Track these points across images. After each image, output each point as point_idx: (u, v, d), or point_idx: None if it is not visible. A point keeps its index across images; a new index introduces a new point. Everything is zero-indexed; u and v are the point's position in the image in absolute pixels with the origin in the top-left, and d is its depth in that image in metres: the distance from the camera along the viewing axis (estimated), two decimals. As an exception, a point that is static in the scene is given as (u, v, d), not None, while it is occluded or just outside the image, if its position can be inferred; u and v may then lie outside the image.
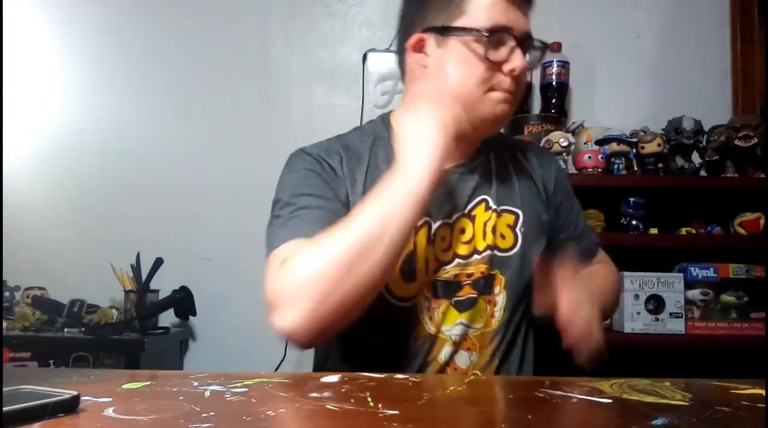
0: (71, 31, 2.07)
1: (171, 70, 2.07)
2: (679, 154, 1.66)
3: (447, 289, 0.92)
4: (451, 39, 0.87)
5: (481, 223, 0.94)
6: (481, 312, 0.93)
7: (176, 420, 0.46)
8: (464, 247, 0.93)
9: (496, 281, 0.94)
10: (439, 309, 0.92)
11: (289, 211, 0.85)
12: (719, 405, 0.55)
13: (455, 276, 0.92)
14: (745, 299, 1.61)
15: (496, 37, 0.85)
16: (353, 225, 0.74)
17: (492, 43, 0.85)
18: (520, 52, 0.86)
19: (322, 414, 0.51)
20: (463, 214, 0.94)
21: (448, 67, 0.88)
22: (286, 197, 0.87)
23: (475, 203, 0.95)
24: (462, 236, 0.93)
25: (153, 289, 1.88)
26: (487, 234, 0.94)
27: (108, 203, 2.03)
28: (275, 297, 0.74)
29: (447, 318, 0.92)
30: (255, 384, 0.62)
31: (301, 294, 0.72)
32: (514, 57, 0.86)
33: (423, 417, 0.52)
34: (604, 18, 2.02)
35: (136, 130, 2.05)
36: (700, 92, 1.96)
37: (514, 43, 0.86)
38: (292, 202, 0.86)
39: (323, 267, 0.73)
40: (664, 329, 1.57)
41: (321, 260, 0.73)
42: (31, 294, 1.86)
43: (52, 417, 0.46)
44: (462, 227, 0.93)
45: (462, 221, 0.93)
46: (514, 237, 0.95)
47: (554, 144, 1.62)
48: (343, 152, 0.93)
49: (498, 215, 0.94)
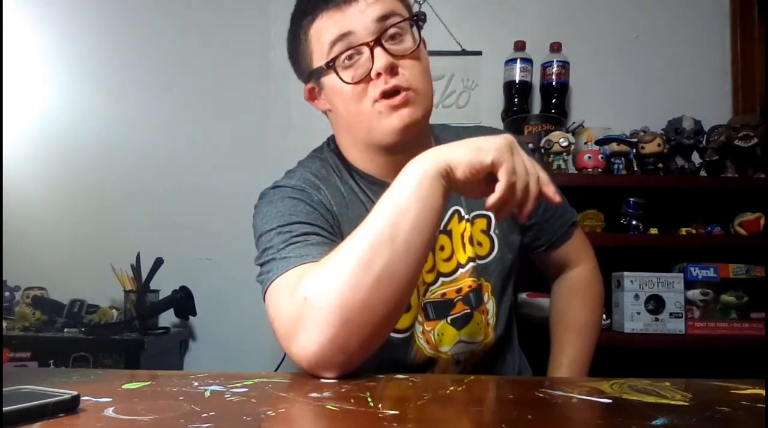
0: (72, 31, 2.07)
1: (171, 70, 2.07)
2: (679, 154, 1.66)
3: (439, 310, 0.90)
4: (321, 79, 0.86)
5: (458, 236, 0.92)
6: (479, 326, 0.92)
7: (176, 420, 0.46)
8: (446, 265, 0.91)
9: (483, 289, 0.93)
10: (435, 330, 0.90)
11: (283, 240, 0.78)
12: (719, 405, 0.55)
13: (443, 294, 0.90)
14: (745, 299, 1.61)
15: (344, 56, 0.81)
16: (359, 233, 0.69)
17: (333, 66, 0.82)
18: (380, 48, 0.80)
19: (322, 414, 0.51)
20: (439, 231, 0.90)
21: (333, 103, 0.87)
22: (275, 226, 0.81)
23: (448, 216, 0.92)
24: (441, 253, 0.91)
25: (153, 289, 1.88)
26: (466, 246, 0.92)
27: (108, 203, 2.03)
28: (292, 324, 0.68)
29: (445, 338, 0.90)
30: (255, 384, 0.62)
31: (321, 310, 0.66)
32: (376, 58, 0.80)
33: (423, 417, 0.52)
34: (604, 18, 2.02)
35: (136, 131, 2.05)
36: (700, 92, 1.96)
37: (368, 46, 0.80)
38: (285, 231, 0.79)
39: (339, 280, 0.67)
40: (664, 329, 1.57)
41: (335, 274, 0.67)
42: (31, 294, 1.86)
43: (52, 417, 0.46)
44: (441, 244, 0.91)
45: (441, 238, 0.91)
46: (489, 241, 0.94)
47: (554, 144, 1.62)
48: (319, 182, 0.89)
49: (471, 223, 0.93)
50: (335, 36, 0.81)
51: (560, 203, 0.75)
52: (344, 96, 0.83)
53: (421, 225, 0.68)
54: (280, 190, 0.87)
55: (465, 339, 0.90)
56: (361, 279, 0.66)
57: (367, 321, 0.67)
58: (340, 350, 0.66)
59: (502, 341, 0.96)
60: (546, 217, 1.01)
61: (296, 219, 0.81)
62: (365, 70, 0.81)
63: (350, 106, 0.84)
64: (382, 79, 0.80)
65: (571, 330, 1.01)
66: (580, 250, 1.06)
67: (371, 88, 0.81)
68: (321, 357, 0.67)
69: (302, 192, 0.86)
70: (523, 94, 1.89)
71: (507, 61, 1.90)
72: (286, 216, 0.82)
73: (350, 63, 0.82)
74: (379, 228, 0.68)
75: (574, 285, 1.06)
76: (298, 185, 0.87)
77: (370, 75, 0.81)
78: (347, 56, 0.81)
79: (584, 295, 1.04)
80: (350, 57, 0.82)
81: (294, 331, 0.68)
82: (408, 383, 0.66)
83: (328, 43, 0.82)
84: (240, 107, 2.05)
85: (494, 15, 2.04)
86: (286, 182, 0.89)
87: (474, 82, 2.02)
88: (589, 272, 1.06)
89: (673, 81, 1.98)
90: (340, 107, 0.86)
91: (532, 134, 1.74)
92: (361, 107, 0.83)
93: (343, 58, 0.81)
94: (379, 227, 0.68)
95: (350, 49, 0.81)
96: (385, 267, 0.66)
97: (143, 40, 2.08)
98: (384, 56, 0.80)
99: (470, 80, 2.02)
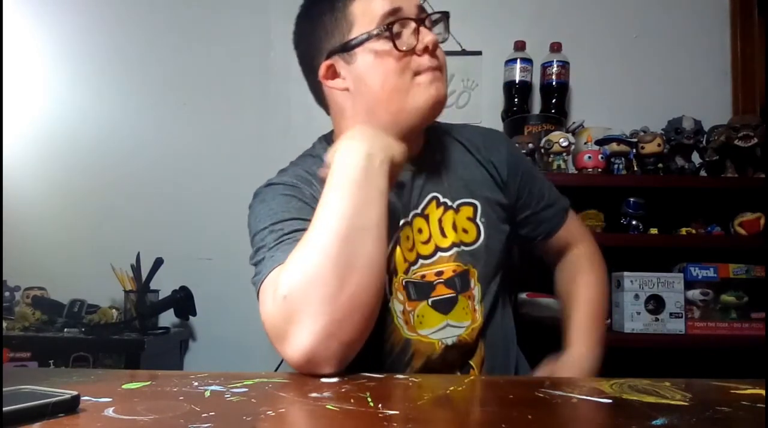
0: (71, 31, 2.07)
1: (171, 70, 2.07)
2: (679, 154, 1.66)
3: (419, 291, 0.91)
4: (356, 52, 0.87)
5: (435, 221, 0.94)
6: (465, 310, 0.93)
7: (176, 420, 0.46)
8: (424, 247, 0.92)
9: (470, 275, 0.94)
10: (415, 312, 0.90)
11: (274, 238, 0.80)
12: (719, 405, 0.55)
13: (423, 276, 0.91)
14: (745, 299, 1.61)
15: (394, 27, 0.85)
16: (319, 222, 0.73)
17: (392, 34, 0.84)
18: (424, 27, 0.86)
19: (322, 414, 0.51)
20: (417, 214, 0.93)
21: (366, 77, 0.87)
22: (267, 225, 0.82)
23: (426, 201, 0.94)
24: (420, 235, 0.93)
25: (153, 289, 1.88)
26: (448, 231, 0.93)
27: (108, 203, 2.03)
28: (279, 325, 0.70)
29: (427, 320, 0.91)
30: (255, 384, 0.62)
31: (307, 304, 0.68)
32: (421, 35, 0.85)
33: (423, 417, 0.52)
34: (604, 18, 2.02)
35: (136, 131, 2.05)
36: (700, 92, 1.96)
37: (414, 23, 0.86)
38: (277, 229, 0.81)
39: (314, 268, 0.69)
40: (664, 329, 1.57)
41: (303, 267, 0.70)
42: (31, 294, 1.86)
43: (52, 417, 0.46)
44: (419, 226, 0.93)
45: (418, 220, 0.93)
46: (476, 228, 0.95)
47: (554, 144, 1.62)
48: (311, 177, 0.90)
49: (456, 210, 0.94)
50: (388, 9, 0.85)
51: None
52: (386, 68, 0.85)
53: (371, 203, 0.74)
54: (272, 188, 0.89)
55: (452, 324, 0.91)
56: (329, 269, 0.69)
57: (349, 305, 0.69)
58: (332, 338, 0.68)
59: (492, 326, 0.97)
60: (540, 208, 1.04)
61: (288, 216, 0.82)
62: (410, 45, 0.85)
63: (389, 78, 0.85)
64: (427, 56, 0.86)
65: (582, 303, 1.02)
66: (576, 233, 1.09)
67: (413, 61, 0.86)
68: (315, 350, 0.68)
69: (294, 187, 0.87)
70: (523, 94, 1.89)
71: (507, 61, 1.90)
72: (279, 214, 0.83)
73: (396, 36, 0.85)
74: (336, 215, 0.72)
75: (576, 265, 1.07)
76: (290, 181, 0.89)
77: (414, 49, 0.85)
78: (395, 28, 0.85)
79: (588, 273, 1.06)
80: (397, 29, 0.85)
81: (282, 333, 0.70)
82: (408, 383, 0.66)
83: (380, 15, 0.85)
84: (240, 107, 2.05)
85: (494, 15, 2.04)
86: (278, 179, 0.91)
87: (474, 82, 2.02)
88: (588, 250, 1.08)
89: (673, 81, 1.98)
90: (374, 81, 0.86)
91: (532, 134, 1.74)
92: (401, 80, 0.85)
93: (394, 28, 0.85)
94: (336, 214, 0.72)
95: (402, 20, 0.85)
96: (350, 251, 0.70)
97: (143, 40, 2.08)
98: (430, 34, 0.86)
99: (470, 80, 2.02)
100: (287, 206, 0.84)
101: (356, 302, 0.70)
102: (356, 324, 0.70)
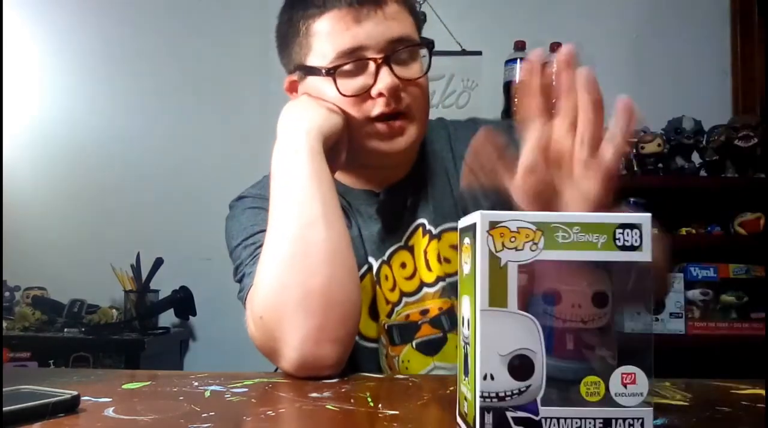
0: (71, 31, 2.08)
1: (171, 70, 2.07)
2: (679, 154, 1.66)
3: (404, 333, 0.83)
4: (307, 77, 0.81)
5: (420, 252, 0.85)
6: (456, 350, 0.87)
7: (176, 420, 0.46)
8: (408, 283, 0.84)
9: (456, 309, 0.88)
10: (400, 356, 0.83)
11: (249, 254, 0.78)
12: (719, 405, 0.55)
13: (407, 316, 0.83)
14: (745, 299, 1.61)
15: (350, 65, 0.76)
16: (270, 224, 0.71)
17: (335, 79, 0.76)
18: (387, 68, 0.75)
19: (322, 414, 0.51)
20: (400, 247, 0.85)
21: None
22: (240, 241, 0.81)
23: (411, 230, 0.86)
24: (403, 271, 0.84)
25: (153, 289, 1.88)
26: (433, 263, 0.84)
27: (108, 203, 2.03)
28: (266, 344, 0.69)
29: (413, 365, 0.83)
30: (255, 384, 0.62)
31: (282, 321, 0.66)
32: (380, 76, 0.75)
33: (423, 417, 0.52)
34: (604, 18, 2.02)
35: (136, 131, 2.05)
36: (700, 92, 1.96)
37: (376, 63, 0.75)
38: (249, 243, 0.79)
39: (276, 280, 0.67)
40: (664, 329, 1.57)
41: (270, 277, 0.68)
42: (31, 294, 1.87)
43: (52, 417, 0.46)
44: (401, 261, 0.85)
45: (399, 254, 0.85)
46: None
47: (554, 144, 1.62)
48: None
49: (438, 239, 0.84)
50: (346, 48, 0.76)
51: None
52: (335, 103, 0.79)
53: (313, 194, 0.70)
54: (241, 202, 0.88)
55: (440, 365, 0.83)
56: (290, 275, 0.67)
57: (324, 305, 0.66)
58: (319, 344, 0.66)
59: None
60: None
61: (257, 229, 0.79)
62: (365, 86, 0.76)
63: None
64: (383, 100, 0.76)
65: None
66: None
67: (368, 104, 0.77)
68: (306, 360, 0.66)
69: (263, 199, 0.81)
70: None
71: (507, 61, 1.90)
72: (248, 229, 0.81)
73: (351, 74, 0.77)
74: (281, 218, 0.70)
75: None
76: (260, 194, 0.85)
77: (369, 92, 0.76)
78: (353, 66, 0.77)
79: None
80: (353, 68, 0.77)
81: (271, 351, 0.69)
82: (408, 383, 0.66)
83: (336, 51, 0.76)
84: (240, 107, 2.05)
85: (494, 15, 2.04)
86: (247, 192, 0.89)
87: (474, 82, 2.02)
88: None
89: (673, 81, 1.98)
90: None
91: (532, 134, 1.74)
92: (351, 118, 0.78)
93: (346, 68, 0.77)
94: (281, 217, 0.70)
95: (357, 61, 0.76)
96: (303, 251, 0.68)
97: (142, 40, 2.08)
98: (389, 77, 0.75)
99: (470, 80, 2.02)
100: (256, 219, 0.81)
101: (331, 299, 0.67)
102: (339, 320, 0.67)
